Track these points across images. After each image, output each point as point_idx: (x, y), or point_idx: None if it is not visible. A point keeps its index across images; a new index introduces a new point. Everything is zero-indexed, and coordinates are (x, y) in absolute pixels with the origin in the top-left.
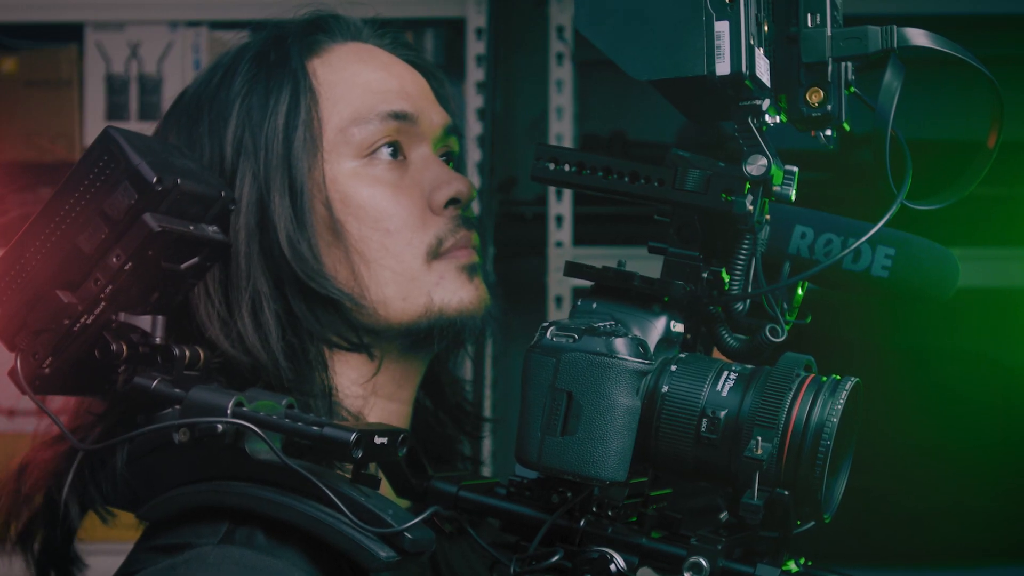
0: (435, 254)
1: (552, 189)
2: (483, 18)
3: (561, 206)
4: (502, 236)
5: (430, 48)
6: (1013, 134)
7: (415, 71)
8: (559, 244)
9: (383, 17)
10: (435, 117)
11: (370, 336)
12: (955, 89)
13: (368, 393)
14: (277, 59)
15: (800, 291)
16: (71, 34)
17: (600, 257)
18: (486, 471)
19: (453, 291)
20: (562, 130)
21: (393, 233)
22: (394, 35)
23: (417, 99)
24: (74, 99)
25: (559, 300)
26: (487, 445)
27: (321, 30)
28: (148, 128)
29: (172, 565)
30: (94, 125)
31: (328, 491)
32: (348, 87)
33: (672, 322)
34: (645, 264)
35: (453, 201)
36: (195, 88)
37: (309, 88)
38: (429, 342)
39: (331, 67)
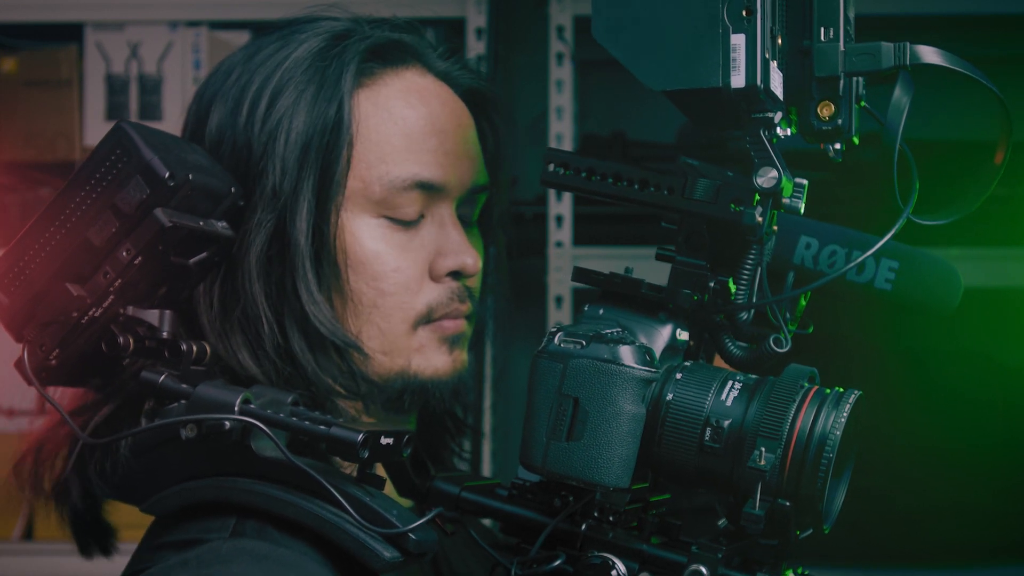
0: (423, 321)
1: (552, 189)
2: (483, 18)
3: (561, 206)
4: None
5: None
6: (1013, 134)
7: (464, 110)
8: (559, 244)
9: (383, 17)
10: (466, 176)
11: (367, 385)
12: (961, 89)
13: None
14: (332, 76)
15: (803, 301)
16: (71, 34)
17: (600, 257)
18: (485, 470)
19: (429, 360)
20: (562, 130)
21: (387, 295)
22: (457, 59)
23: (453, 158)
24: (74, 99)
25: (559, 300)
26: (487, 446)
27: (378, 57)
28: None
29: (184, 561)
30: (94, 125)
31: (334, 491)
32: (385, 134)
33: (678, 330)
34: (647, 266)
35: (455, 273)
36: (245, 59)
37: (348, 127)
38: (401, 403)
39: (374, 103)
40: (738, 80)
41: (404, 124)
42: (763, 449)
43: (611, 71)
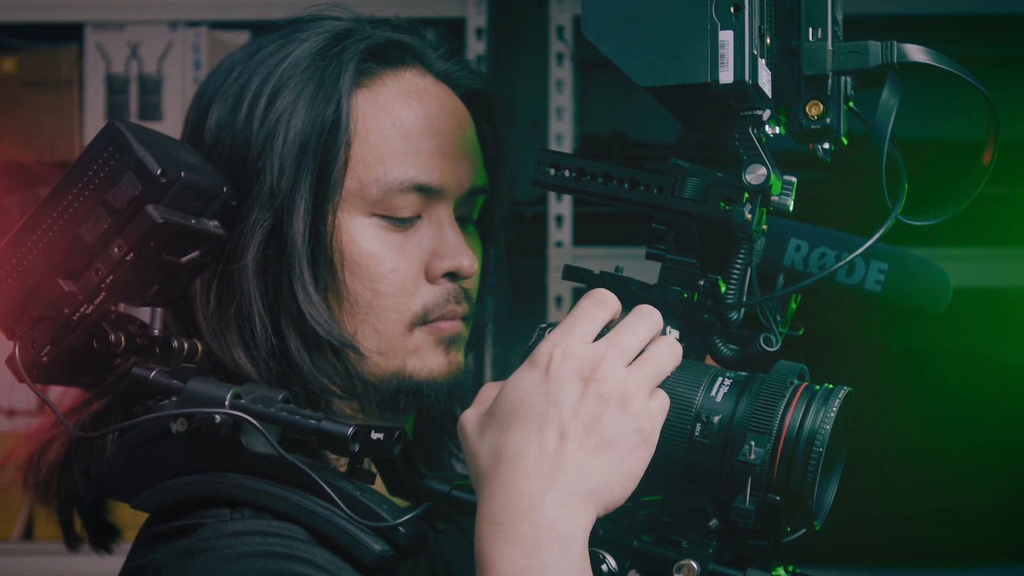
0: (419, 322)
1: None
2: (483, 18)
3: (561, 206)
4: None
5: None
6: (1012, 134)
7: (463, 111)
8: (559, 244)
9: (383, 17)
10: (464, 178)
11: (363, 385)
12: (951, 89)
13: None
14: (331, 76)
15: (793, 304)
16: (71, 34)
17: (600, 257)
18: None
19: (424, 361)
20: (562, 130)
21: (383, 295)
22: (457, 60)
23: (451, 160)
24: (74, 99)
25: (559, 300)
26: None
27: (378, 57)
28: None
29: (187, 550)
30: (94, 125)
31: (324, 484)
32: (383, 135)
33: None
34: (643, 266)
35: (451, 274)
36: (246, 57)
37: (346, 127)
38: (396, 403)
39: (373, 103)
40: (726, 76)
41: (402, 125)
42: (753, 443)
43: (611, 71)
